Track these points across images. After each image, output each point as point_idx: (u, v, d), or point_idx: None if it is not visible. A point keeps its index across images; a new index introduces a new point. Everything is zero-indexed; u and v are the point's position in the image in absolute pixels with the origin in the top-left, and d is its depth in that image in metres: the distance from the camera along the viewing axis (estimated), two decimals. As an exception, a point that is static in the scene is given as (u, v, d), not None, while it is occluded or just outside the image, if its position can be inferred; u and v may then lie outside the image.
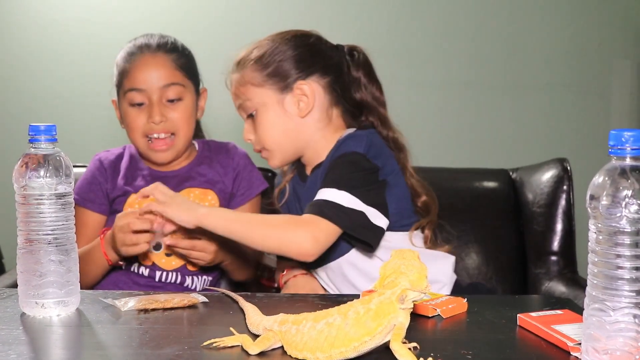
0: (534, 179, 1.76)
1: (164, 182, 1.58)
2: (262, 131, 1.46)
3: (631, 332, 0.76)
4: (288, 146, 1.47)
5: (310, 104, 1.44)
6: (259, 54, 1.46)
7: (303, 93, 1.44)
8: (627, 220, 0.75)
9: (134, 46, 1.60)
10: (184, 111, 1.58)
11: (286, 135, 1.46)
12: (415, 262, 0.84)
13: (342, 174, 1.37)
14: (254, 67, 1.45)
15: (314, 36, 1.50)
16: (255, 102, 1.45)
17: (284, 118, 1.44)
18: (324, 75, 1.46)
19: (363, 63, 1.52)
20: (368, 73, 1.53)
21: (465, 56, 2.60)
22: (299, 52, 1.45)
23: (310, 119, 1.45)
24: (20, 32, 2.53)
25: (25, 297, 1.04)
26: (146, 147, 1.59)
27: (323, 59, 1.47)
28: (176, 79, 1.57)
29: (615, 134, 0.77)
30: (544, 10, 2.58)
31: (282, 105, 1.44)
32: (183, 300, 1.09)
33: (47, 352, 0.91)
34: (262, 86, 1.44)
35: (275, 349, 0.88)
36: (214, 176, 1.64)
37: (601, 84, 2.63)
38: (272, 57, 1.44)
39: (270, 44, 1.46)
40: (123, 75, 1.58)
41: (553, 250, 1.70)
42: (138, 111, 1.56)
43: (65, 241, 1.06)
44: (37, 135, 1.04)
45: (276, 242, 1.31)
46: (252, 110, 1.46)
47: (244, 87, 1.46)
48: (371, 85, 1.52)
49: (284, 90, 1.44)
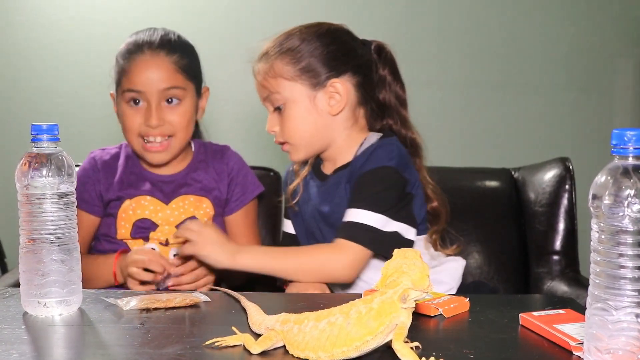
0: (536, 178, 1.76)
1: (160, 187, 1.58)
2: (291, 126, 1.43)
3: (633, 332, 0.76)
4: (314, 142, 1.46)
5: (342, 103, 1.43)
6: (291, 46, 1.43)
7: (336, 91, 1.42)
8: (629, 219, 0.75)
9: (134, 43, 1.55)
10: (183, 114, 1.55)
11: (314, 132, 1.44)
12: (417, 261, 0.84)
13: (374, 193, 1.36)
14: (286, 60, 1.42)
15: (346, 32, 1.49)
16: (285, 95, 1.42)
17: (314, 114, 1.43)
18: (355, 74, 1.45)
19: (390, 61, 1.52)
20: (393, 72, 1.52)
21: (467, 55, 2.59)
22: (333, 49, 1.44)
23: (339, 117, 1.45)
24: (22, 31, 2.53)
25: (27, 297, 1.05)
26: (141, 147, 1.56)
27: (355, 57, 1.46)
28: (177, 82, 1.53)
29: (617, 133, 0.77)
30: (546, 9, 2.58)
31: (313, 102, 1.42)
32: (185, 299, 1.09)
33: (49, 351, 0.91)
34: (294, 80, 1.42)
35: (277, 349, 0.88)
36: (209, 182, 1.62)
37: (603, 83, 2.62)
38: (306, 52, 1.42)
39: (304, 37, 1.43)
40: (122, 74, 1.54)
41: (555, 250, 1.70)
42: (135, 111, 1.53)
43: (68, 240, 1.06)
44: (39, 135, 1.04)
45: (312, 271, 1.34)
46: (281, 103, 1.43)
47: (274, 80, 1.43)
48: (395, 84, 1.52)
49: (317, 87, 1.42)
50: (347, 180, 1.43)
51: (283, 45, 1.43)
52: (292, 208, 1.56)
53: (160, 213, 1.57)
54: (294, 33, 1.45)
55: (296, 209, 1.54)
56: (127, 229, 1.56)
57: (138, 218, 1.56)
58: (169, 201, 1.58)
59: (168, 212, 1.57)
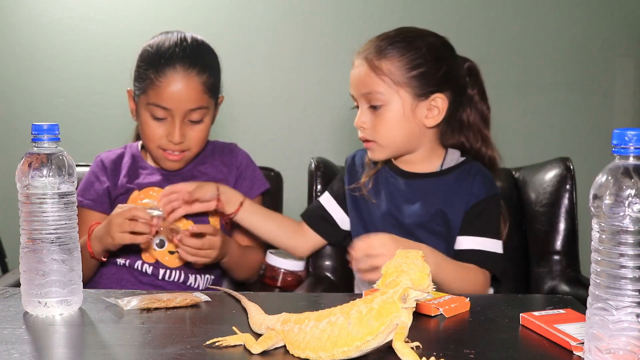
0: (536, 178, 1.76)
1: (168, 180, 1.60)
2: (385, 127, 1.43)
3: (634, 332, 0.76)
4: (402, 146, 1.47)
5: (439, 117, 1.45)
6: (407, 51, 1.42)
7: (436, 105, 1.43)
8: (630, 219, 0.75)
9: (166, 53, 1.52)
10: (203, 131, 1.57)
11: (406, 138, 1.45)
12: (418, 261, 0.84)
13: (494, 222, 1.45)
14: (399, 63, 1.41)
15: (451, 47, 1.50)
16: (387, 97, 1.41)
17: (411, 122, 1.43)
18: (453, 93, 1.46)
19: (479, 83, 1.54)
20: (481, 92, 1.54)
21: (467, 55, 2.59)
22: (444, 66, 1.44)
23: (431, 130, 1.47)
24: (23, 31, 2.53)
25: (28, 296, 1.05)
26: (159, 153, 1.58)
27: (457, 76, 1.48)
28: (202, 103, 1.54)
29: (618, 133, 0.77)
30: (547, 9, 2.58)
31: (413, 110, 1.42)
32: (185, 299, 1.09)
33: (49, 351, 0.91)
34: (401, 86, 1.41)
35: (277, 348, 0.88)
36: (217, 175, 1.64)
37: (604, 83, 2.62)
38: (421, 61, 1.42)
39: (420, 45, 1.43)
40: (150, 85, 1.52)
41: (556, 250, 1.70)
42: (158, 124, 1.54)
43: (68, 240, 1.06)
44: (40, 135, 1.04)
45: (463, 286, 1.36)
46: (380, 103, 1.42)
47: (380, 78, 1.41)
48: (482, 104, 1.54)
49: (420, 97, 1.42)
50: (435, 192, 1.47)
51: (398, 46, 1.42)
52: (364, 197, 1.54)
53: None
54: (410, 36, 1.44)
55: (373, 201, 1.53)
56: None
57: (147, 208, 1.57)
58: None
59: None
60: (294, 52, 2.55)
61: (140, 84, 1.54)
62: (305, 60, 2.56)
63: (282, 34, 2.55)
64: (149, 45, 1.57)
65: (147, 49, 1.56)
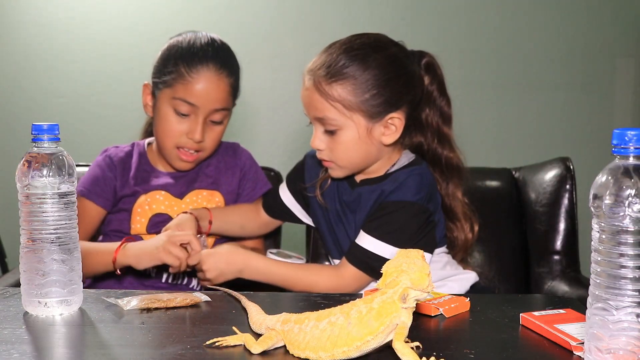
0: (536, 178, 1.76)
1: (173, 183, 1.59)
2: (341, 151, 1.39)
3: (634, 331, 0.76)
4: (361, 165, 1.43)
5: (397, 134, 1.39)
6: (359, 73, 1.35)
7: (393, 124, 1.39)
8: (630, 219, 0.75)
9: (200, 51, 1.52)
10: (220, 133, 1.58)
11: (364, 157, 1.41)
12: (418, 260, 0.84)
13: (393, 225, 1.36)
14: (351, 87, 1.34)
15: (405, 54, 1.43)
16: (340, 122, 1.36)
17: (367, 143, 1.39)
18: (410, 105, 1.41)
19: (438, 77, 1.49)
20: (440, 88, 1.49)
21: (467, 55, 2.60)
22: (397, 84, 1.37)
23: (389, 145, 1.42)
24: (23, 31, 2.53)
25: (28, 296, 1.05)
26: (173, 152, 1.56)
27: (414, 88, 1.41)
28: (227, 105, 1.55)
29: (618, 132, 0.77)
30: (546, 10, 2.58)
31: (369, 131, 1.37)
32: (185, 299, 1.09)
33: (49, 351, 0.91)
34: (354, 111, 1.35)
35: (277, 348, 0.88)
36: (221, 177, 1.64)
37: (604, 83, 2.62)
38: (371, 83, 1.35)
39: (371, 65, 1.35)
40: (178, 78, 1.50)
41: (556, 250, 1.70)
42: (180, 120, 1.52)
43: (68, 240, 1.06)
44: (40, 135, 1.04)
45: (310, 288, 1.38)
46: (334, 128, 1.37)
47: (331, 104, 1.35)
48: (441, 100, 1.49)
49: (374, 118, 1.36)
50: (369, 198, 1.43)
51: (345, 67, 1.35)
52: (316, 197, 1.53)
53: (175, 207, 1.58)
54: (362, 53, 1.37)
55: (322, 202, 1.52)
56: (143, 224, 1.57)
57: (154, 213, 1.57)
58: (183, 196, 1.60)
59: (183, 206, 1.59)
60: (294, 52, 2.55)
61: (165, 77, 1.52)
62: (305, 60, 2.55)
63: (282, 34, 2.56)
64: (178, 41, 1.55)
65: (176, 44, 1.55)
